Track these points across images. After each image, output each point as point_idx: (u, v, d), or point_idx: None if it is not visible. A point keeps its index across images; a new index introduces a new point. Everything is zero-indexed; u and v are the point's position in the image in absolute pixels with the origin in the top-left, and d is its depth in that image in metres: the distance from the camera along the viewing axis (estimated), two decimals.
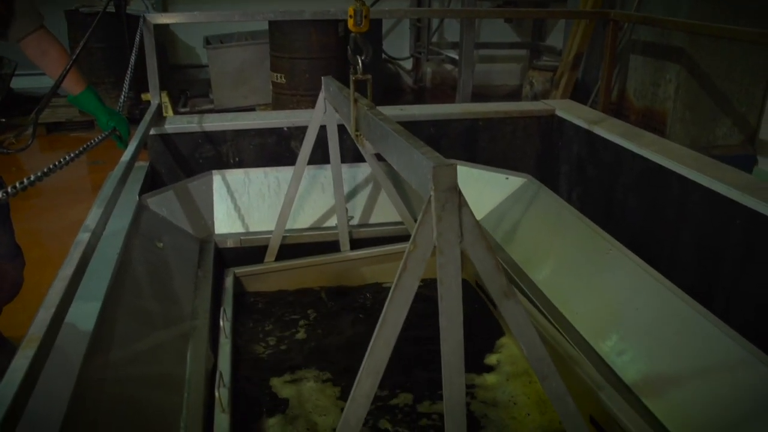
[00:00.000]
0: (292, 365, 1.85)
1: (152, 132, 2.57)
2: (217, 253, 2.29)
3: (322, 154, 2.24)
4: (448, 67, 7.73)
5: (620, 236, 1.98)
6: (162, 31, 6.77)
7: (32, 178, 1.34)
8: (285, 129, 2.72)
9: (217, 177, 2.45)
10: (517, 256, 2.22)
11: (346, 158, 2.44)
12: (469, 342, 1.07)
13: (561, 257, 2.09)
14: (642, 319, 1.69)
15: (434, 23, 7.51)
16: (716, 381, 1.45)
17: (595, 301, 1.84)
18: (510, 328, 1.13)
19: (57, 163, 1.52)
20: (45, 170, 1.42)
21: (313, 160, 2.18)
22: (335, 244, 2.37)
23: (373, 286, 2.31)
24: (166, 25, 6.29)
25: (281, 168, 2.50)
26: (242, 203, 2.44)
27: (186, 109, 6.21)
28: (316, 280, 2.30)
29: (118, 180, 1.73)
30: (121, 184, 1.75)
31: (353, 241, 2.39)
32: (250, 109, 6.01)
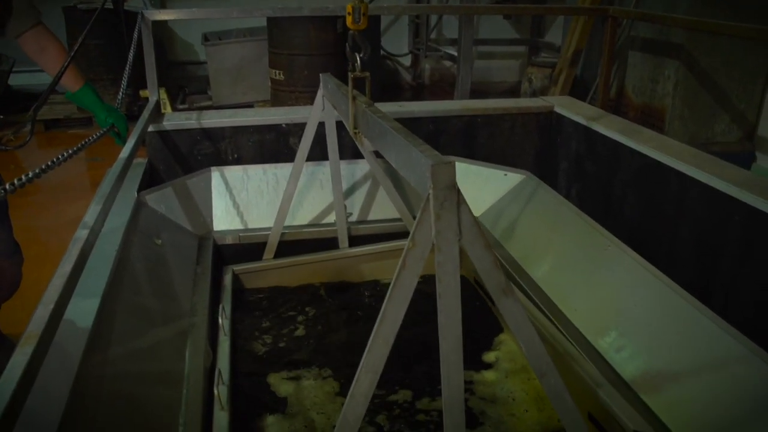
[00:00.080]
0: (291, 362, 1.85)
1: (150, 129, 2.57)
2: (216, 249, 2.29)
3: (321, 151, 2.24)
4: (447, 63, 7.73)
5: (619, 233, 1.98)
6: (160, 28, 6.76)
7: (30, 175, 1.34)
8: (283, 126, 2.72)
9: (215, 174, 2.45)
10: (516, 252, 2.22)
11: (344, 155, 2.44)
12: (467, 339, 1.07)
13: (559, 254, 2.09)
14: (640, 315, 1.69)
15: (433, 19, 7.50)
16: (714, 377, 1.45)
17: (594, 298, 1.84)
18: (508, 326, 1.13)
19: (55, 159, 1.52)
20: (43, 167, 1.42)
21: (311, 156, 2.18)
22: (334, 240, 2.37)
23: (372, 283, 2.32)
24: (165, 22, 6.28)
25: (280, 165, 2.50)
26: (241, 200, 2.44)
27: (184, 105, 6.20)
28: (314, 277, 2.30)
29: (117, 177, 1.73)
30: (119, 181, 1.74)
31: (352, 238, 2.39)
32: (249, 105, 6.00)
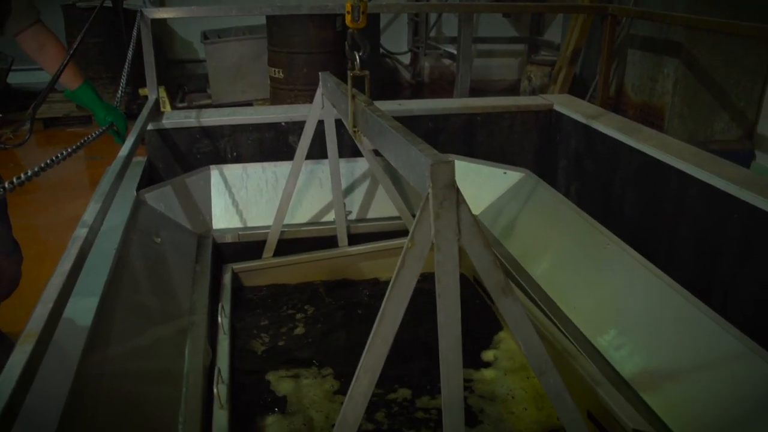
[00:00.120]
0: (290, 361, 1.85)
1: (150, 127, 2.57)
2: (215, 248, 2.29)
3: (320, 149, 2.24)
4: (446, 61, 7.72)
5: (618, 231, 1.98)
6: (159, 26, 6.76)
7: (29, 173, 1.34)
8: (283, 124, 2.72)
9: (214, 172, 2.45)
10: (515, 250, 2.22)
11: (344, 153, 2.44)
12: (467, 337, 1.07)
13: (559, 252, 2.09)
14: (640, 313, 1.69)
15: (432, 18, 7.49)
16: (714, 375, 1.45)
17: (593, 296, 1.84)
18: (508, 325, 1.13)
19: (54, 158, 1.52)
20: (42, 165, 1.42)
21: (311, 154, 2.18)
22: (333, 239, 2.37)
23: (372, 281, 2.31)
24: (164, 20, 6.28)
25: (279, 163, 2.50)
26: (240, 198, 2.44)
27: (184, 104, 6.20)
28: (314, 275, 2.30)
29: (116, 175, 1.73)
30: (118, 180, 1.74)
31: (351, 236, 2.39)
32: (248, 104, 6.00)
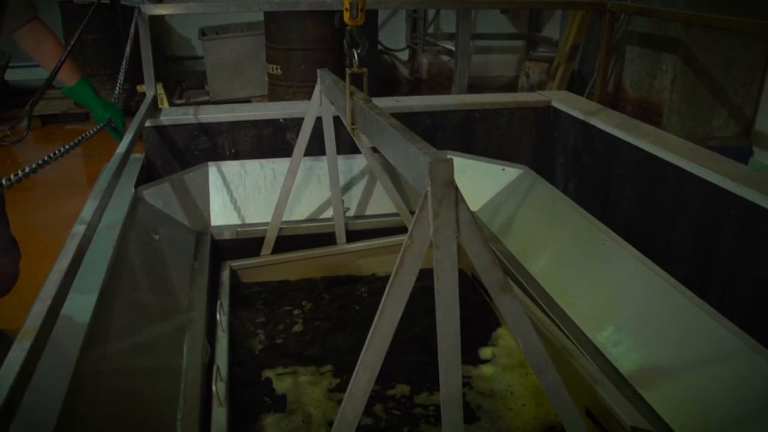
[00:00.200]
0: (289, 358, 1.85)
1: (148, 124, 2.57)
2: (214, 244, 2.29)
3: (318, 146, 2.24)
4: (445, 58, 7.71)
5: (616, 227, 1.99)
6: (157, 23, 6.74)
7: (27, 170, 1.34)
8: (281, 120, 2.72)
9: (213, 169, 2.44)
10: (514, 247, 2.22)
11: (342, 149, 2.44)
12: (465, 333, 1.07)
13: (557, 248, 2.09)
14: (638, 310, 1.70)
15: (430, 14, 7.48)
16: (711, 371, 1.45)
17: (591, 292, 1.85)
18: (506, 323, 1.13)
19: (52, 155, 1.52)
20: (40, 162, 1.42)
21: (309, 151, 2.18)
22: (332, 235, 2.37)
23: (370, 278, 2.32)
24: (162, 17, 6.26)
25: (277, 159, 2.50)
26: (238, 195, 2.43)
27: (182, 100, 6.19)
28: (312, 272, 2.30)
29: (114, 172, 1.73)
30: (116, 177, 1.74)
31: (349, 233, 2.39)
32: (246, 100, 5.99)
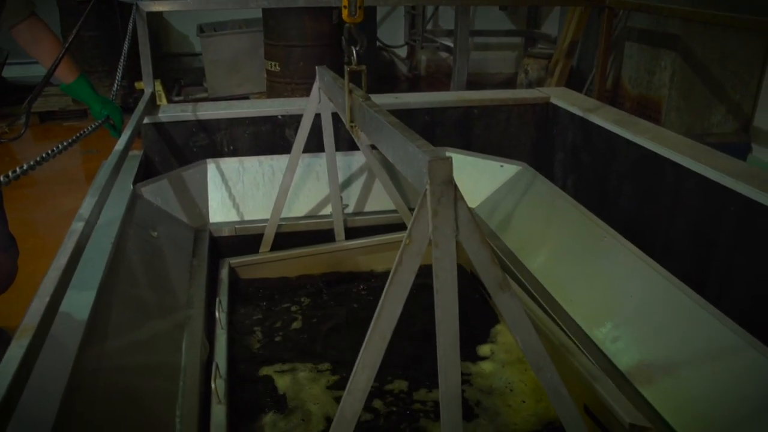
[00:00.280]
0: (288, 355, 1.85)
1: (146, 121, 2.56)
2: (212, 241, 2.29)
3: (317, 142, 2.23)
4: (443, 54, 7.71)
5: (615, 224, 1.99)
6: (155, 19, 6.73)
7: (25, 166, 1.34)
8: (279, 117, 2.71)
9: (211, 166, 2.44)
10: (512, 243, 2.22)
11: (341, 146, 2.44)
12: (464, 330, 1.07)
13: (556, 245, 2.09)
14: (636, 306, 1.70)
15: (429, 10, 7.47)
16: (709, 367, 1.46)
17: (590, 289, 1.85)
18: (505, 321, 1.13)
19: (50, 151, 1.52)
20: (38, 159, 1.42)
21: (307, 148, 2.17)
22: (330, 232, 2.37)
23: (369, 275, 2.32)
24: (160, 13, 6.24)
25: (276, 156, 2.49)
26: (237, 192, 2.43)
27: (180, 97, 6.18)
28: (311, 269, 2.30)
29: (112, 169, 1.73)
30: (115, 173, 1.74)
31: (348, 230, 2.39)
32: (244, 97, 5.98)
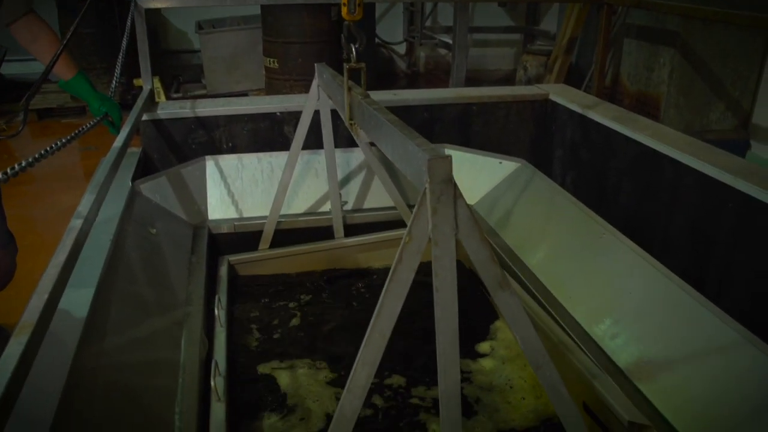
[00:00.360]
0: (287, 352, 1.85)
1: (144, 117, 2.56)
2: (211, 238, 2.29)
3: (316, 139, 2.23)
4: (442, 51, 7.70)
5: (614, 220, 1.99)
6: (153, 16, 6.72)
7: (24, 163, 1.33)
8: (278, 114, 2.71)
9: (210, 162, 2.44)
10: (511, 240, 2.22)
11: (340, 143, 2.43)
12: (464, 326, 1.07)
13: (555, 242, 2.09)
14: (635, 302, 1.70)
15: (428, 7, 7.47)
16: (708, 364, 1.46)
17: (589, 285, 1.85)
18: (505, 319, 1.13)
19: (49, 148, 1.51)
20: (36, 156, 1.42)
21: (306, 144, 2.17)
22: (329, 229, 2.37)
23: (368, 272, 2.32)
24: (158, 10, 6.24)
25: (274, 153, 2.49)
26: (236, 189, 2.43)
27: (178, 94, 6.18)
28: (310, 266, 2.30)
29: (111, 166, 1.72)
30: (113, 170, 1.74)
31: (347, 227, 2.39)
32: (243, 94, 5.98)
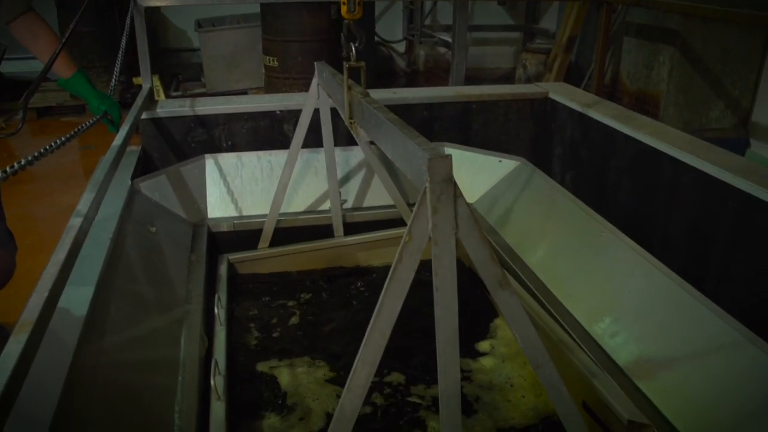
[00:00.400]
0: (286, 351, 1.85)
1: (144, 116, 2.56)
2: (210, 237, 2.29)
3: (316, 137, 2.23)
4: (442, 50, 7.70)
5: (613, 219, 1.99)
6: (153, 14, 6.71)
7: (23, 162, 1.33)
8: (277, 112, 2.71)
9: (209, 161, 2.44)
10: (511, 239, 2.22)
11: (339, 141, 2.43)
12: (463, 325, 1.07)
13: (554, 240, 2.09)
14: (634, 301, 1.70)
15: (427, 5, 7.46)
16: (708, 362, 1.46)
17: (588, 284, 1.85)
18: (505, 318, 1.13)
19: (48, 147, 1.51)
20: (36, 154, 1.42)
21: (306, 143, 2.17)
22: (328, 227, 2.37)
23: (368, 270, 2.32)
24: (157, 8, 6.23)
25: (274, 151, 2.49)
26: (235, 187, 2.43)
27: (178, 92, 6.17)
28: (310, 265, 2.30)
29: (110, 164, 1.72)
30: (113, 169, 1.74)
31: (347, 225, 2.39)
32: (243, 92, 5.98)
